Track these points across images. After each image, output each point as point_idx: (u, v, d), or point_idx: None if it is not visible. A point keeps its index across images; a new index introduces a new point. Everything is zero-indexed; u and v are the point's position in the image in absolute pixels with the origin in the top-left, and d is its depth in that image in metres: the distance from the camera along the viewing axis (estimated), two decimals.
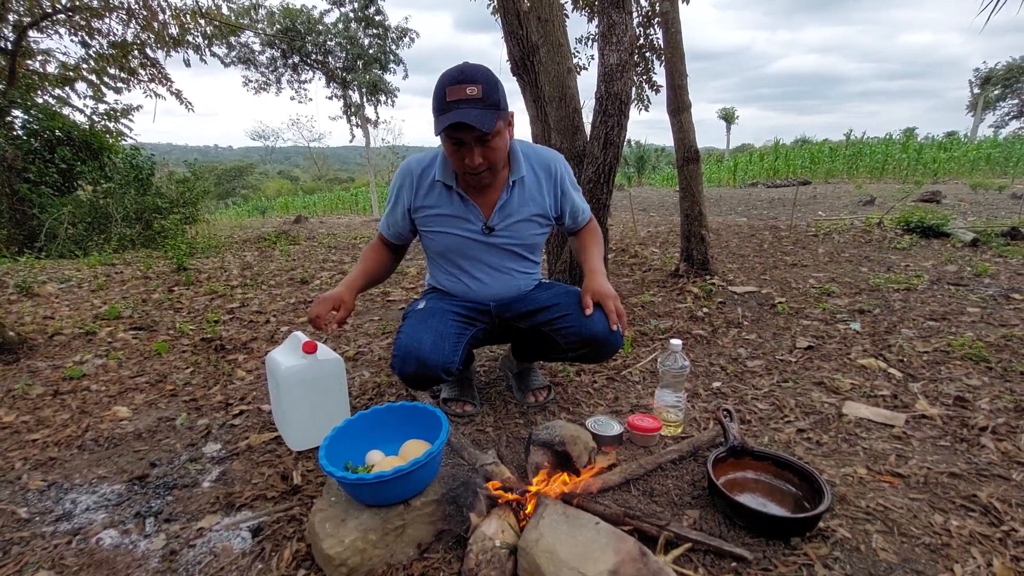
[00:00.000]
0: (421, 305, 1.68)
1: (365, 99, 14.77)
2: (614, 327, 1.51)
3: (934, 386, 1.81)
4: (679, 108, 3.35)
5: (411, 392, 1.94)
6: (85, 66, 8.50)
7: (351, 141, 15.11)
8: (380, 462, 1.28)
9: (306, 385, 1.56)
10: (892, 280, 3.16)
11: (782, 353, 2.20)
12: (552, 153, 1.68)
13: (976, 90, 27.96)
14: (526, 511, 1.17)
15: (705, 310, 2.78)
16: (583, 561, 0.93)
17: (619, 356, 2.25)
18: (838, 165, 14.57)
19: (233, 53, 12.78)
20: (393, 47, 14.20)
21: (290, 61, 13.83)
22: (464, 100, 1.32)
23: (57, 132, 7.39)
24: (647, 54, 6.76)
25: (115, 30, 8.23)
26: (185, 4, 8.38)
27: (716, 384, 1.94)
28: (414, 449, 1.27)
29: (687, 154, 3.37)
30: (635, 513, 1.14)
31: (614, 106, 2.32)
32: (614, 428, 1.54)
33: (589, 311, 1.51)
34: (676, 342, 1.59)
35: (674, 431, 1.60)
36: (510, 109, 1.45)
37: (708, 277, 3.31)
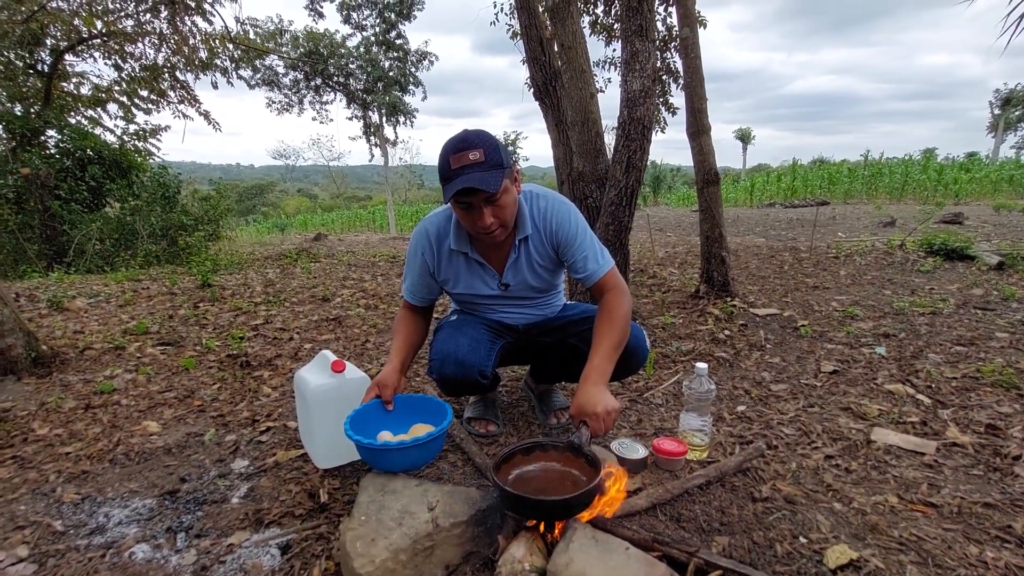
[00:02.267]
0: (453, 318, 1.74)
1: (384, 119, 15.07)
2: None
3: (964, 413, 1.78)
4: (699, 131, 3.38)
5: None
6: (117, 88, 8.83)
7: (370, 160, 15.39)
8: (390, 439, 1.45)
9: (334, 403, 1.58)
10: (917, 304, 3.12)
11: (807, 377, 2.18)
12: (550, 204, 1.58)
13: (996, 111, 27.69)
14: (553, 534, 1.17)
15: (727, 332, 2.77)
16: None
17: (641, 378, 2.25)
18: (857, 186, 14.46)
19: (258, 75, 13.17)
20: (413, 69, 14.52)
21: (313, 83, 14.20)
22: (468, 165, 1.35)
23: (88, 151, 7.65)
24: (664, 77, 6.84)
25: (147, 54, 8.56)
26: (214, 29, 8.69)
27: (740, 408, 1.93)
28: (421, 431, 1.47)
29: (707, 176, 3.39)
30: (664, 539, 1.14)
31: (636, 131, 2.35)
32: (639, 451, 1.54)
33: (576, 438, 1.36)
34: (702, 365, 1.59)
35: (700, 455, 1.59)
36: (513, 163, 1.48)
37: (729, 299, 3.29)
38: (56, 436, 1.92)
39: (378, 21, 13.70)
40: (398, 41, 13.97)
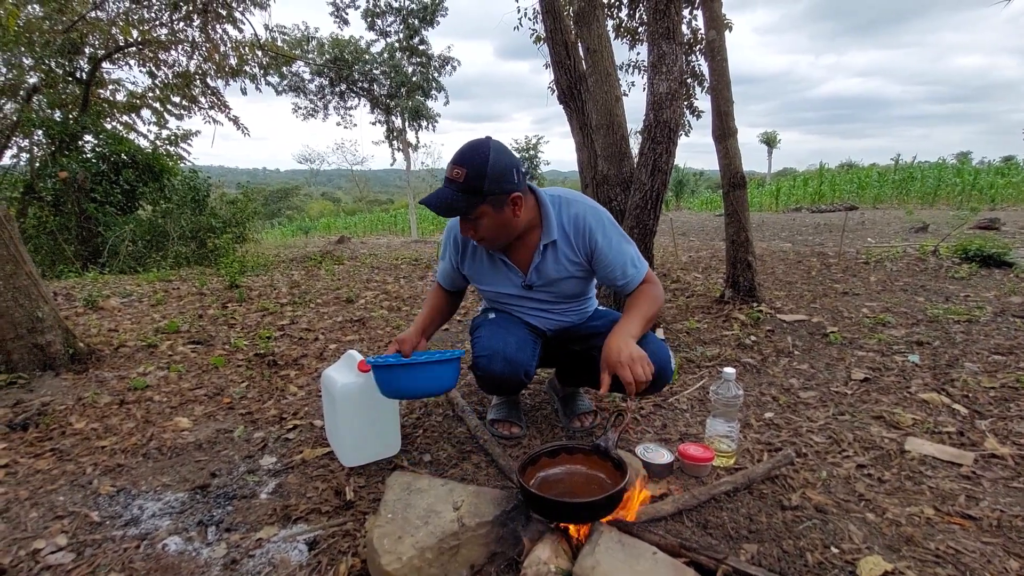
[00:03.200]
0: (492, 316, 1.75)
1: (407, 124, 15.24)
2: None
3: (1004, 424, 1.73)
4: (725, 134, 3.34)
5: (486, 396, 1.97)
6: (151, 94, 9.08)
7: (392, 164, 15.56)
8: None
9: (360, 403, 1.60)
10: (952, 311, 3.03)
11: (837, 385, 2.14)
12: (583, 210, 1.57)
13: None
14: (579, 537, 1.16)
15: (753, 338, 2.72)
16: None
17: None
18: (887, 190, 14.11)
19: (285, 82, 13.43)
20: (435, 74, 14.66)
21: (337, 89, 14.43)
22: (449, 180, 1.43)
23: (123, 155, 7.88)
24: (689, 80, 6.78)
25: (180, 61, 8.78)
26: (244, 37, 8.89)
27: (768, 415, 1.90)
28: None
29: (733, 180, 3.35)
30: (691, 545, 1.13)
31: (663, 134, 2.34)
32: (665, 456, 1.52)
33: (603, 389, 1.39)
34: (730, 370, 1.57)
35: (727, 462, 1.57)
36: (518, 192, 1.46)
37: (755, 304, 3.24)
38: (92, 430, 1.98)
39: (402, 27, 13.88)
40: (421, 47, 14.13)
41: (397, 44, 13.98)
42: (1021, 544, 1.16)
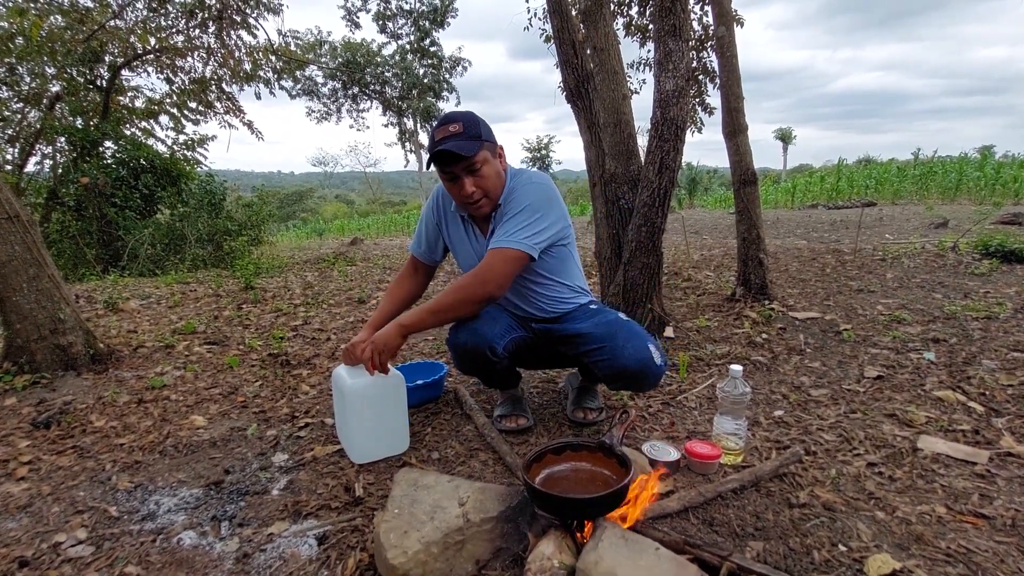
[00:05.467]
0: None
1: (419, 126, 15.32)
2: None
3: (1021, 422, 1.69)
4: (735, 131, 3.32)
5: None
6: (168, 100, 9.27)
7: (405, 166, 15.67)
8: None
9: (370, 400, 1.62)
10: (970, 308, 2.97)
11: (849, 383, 2.11)
12: (521, 181, 1.63)
13: None
14: (583, 533, 1.17)
15: (764, 336, 2.70)
16: None
17: (674, 381, 2.22)
18: (906, 186, 13.85)
19: (298, 86, 13.60)
20: (447, 76, 14.73)
21: (350, 91, 14.57)
22: (448, 136, 1.49)
23: (142, 161, 8.05)
24: (700, 76, 6.73)
25: (196, 67, 8.95)
26: (258, 42, 9.02)
27: (778, 413, 1.88)
28: None
29: (744, 176, 3.32)
30: (695, 541, 1.13)
31: (670, 131, 2.33)
32: (671, 454, 1.52)
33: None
34: (736, 367, 1.56)
35: (734, 460, 1.56)
36: (500, 144, 1.62)
37: (767, 302, 3.21)
38: (112, 428, 2.03)
39: (412, 29, 13.97)
40: (432, 48, 14.21)
41: (408, 46, 14.08)
42: None
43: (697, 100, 7.08)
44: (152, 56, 8.49)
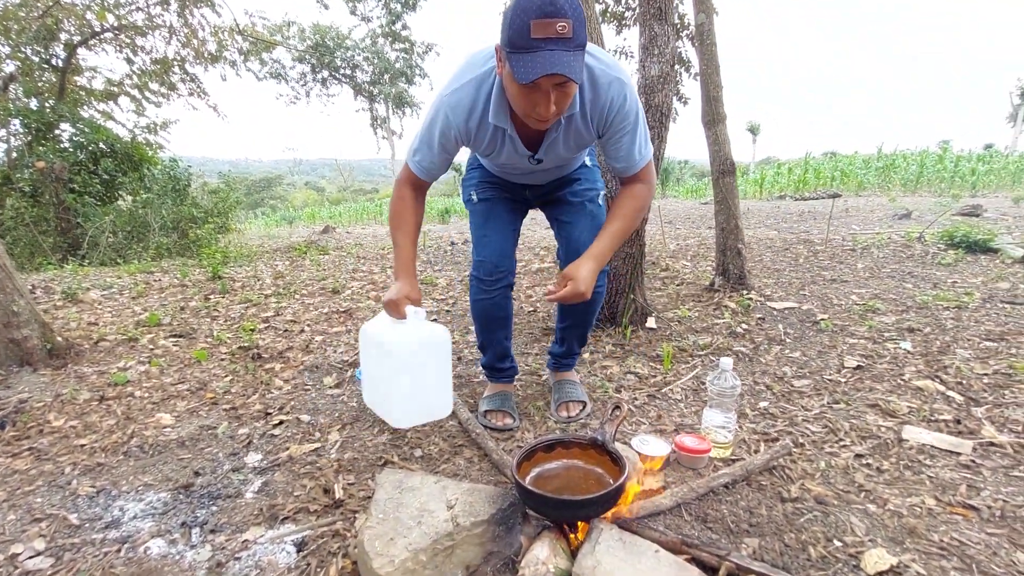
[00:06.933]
0: (476, 201, 1.79)
1: (391, 111, 15.03)
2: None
3: (1000, 411, 1.72)
4: (714, 120, 3.30)
5: None
6: (128, 81, 8.85)
7: (377, 153, 15.39)
8: None
9: (418, 358, 1.47)
10: (940, 297, 3.04)
11: (830, 372, 2.13)
12: (608, 82, 1.35)
13: (1016, 100, 27.12)
14: (577, 535, 1.13)
15: (744, 326, 2.71)
16: None
17: (659, 373, 2.21)
18: (870, 178, 14.22)
19: (266, 69, 13.16)
20: (419, 60, 14.45)
21: (319, 76, 14.17)
22: (554, 39, 1.10)
23: (101, 144, 7.68)
24: (675, 67, 6.73)
25: (157, 47, 8.55)
26: (223, 22, 8.67)
27: (763, 404, 1.88)
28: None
29: (723, 166, 3.32)
30: (693, 541, 1.10)
31: (655, 118, 2.29)
32: (661, 448, 1.49)
33: (551, 296, 1.47)
34: (727, 360, 1.54)
35: (724, 453, 1.55)
36: None
37: (745, 292, 3.23)
38: (71, 428, 1.91)
39: (383, 12, 13.63)
40: (404, 32, 13.90)
41: (379, 30, 13.75)
42: None
43: (673, 90, 7.09)
44: (111, 34, 8.09)
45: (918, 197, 11.32)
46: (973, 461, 1.45)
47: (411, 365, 1.45)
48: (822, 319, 2.75)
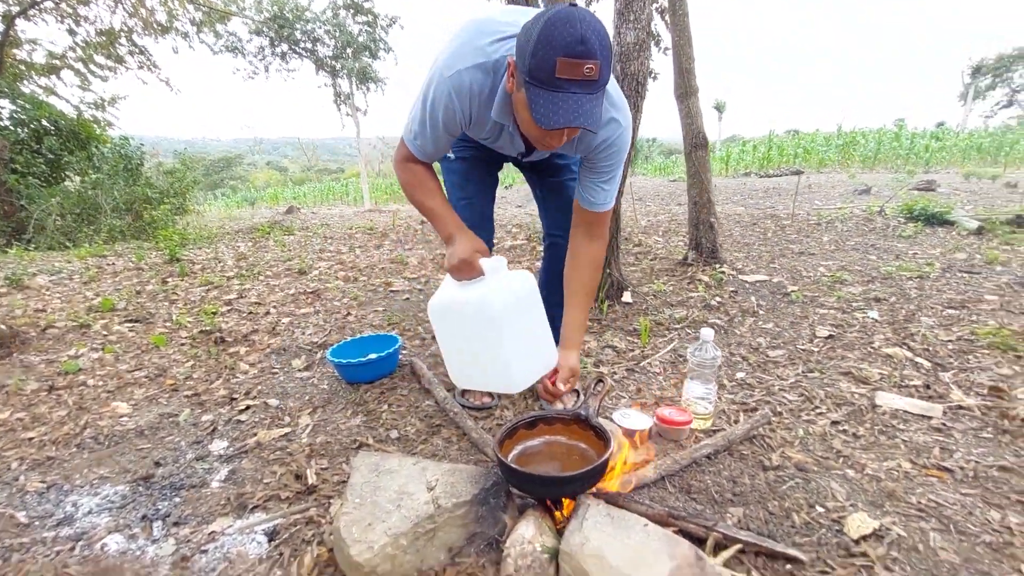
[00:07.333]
0: (455, 163, 1.69)
1: (355, 87, 14.54)
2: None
3: (966, 376, 1.77)
4: (687, 93, 3.27)
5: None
6: (72, 54, 8.30)
7: (342, 130, 14.94)
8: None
9: (522, 316, 1.32)
10: (903, 268, 3.11)
11: (803, 342, 2.15)
12: (607, 129, 1.33)
13: (967, 79, 28.06)
14: (563, 511, 1.10)
15: (718, 299, 2.72)
16: (636, 567, 0.87)
17: (636, 347, 2.19)
18: (831, 155, 14.57)
19: (221, 42, 12.51)
20: (383, 34, 13.96)
21: (278, 49, 13.54)
22: (579, 82, 1.03)
23: (44, 122, 7.20)
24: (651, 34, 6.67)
25: (102, 17, 8.02)
26: None
27: (740, 375, 1.89)
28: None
29: (695, 140, 3.30)
30: (680, 513, 1.08)
31: (631, 87, 2.24)
32: (643, 421, 1.48)
33: (557, 394, 1.49)
34: (708, 331, 1.53)
35: (704, 424, 1.54)
36: None
37: (718, 266, 3.25)
38: (18, 420, 1.79)
39: None
40: (366, 4, 13.39)
41: (340, 1, 13.20)
42: (999, 495, 1.18)
43: (648, 57, 7.03)
44: (51, 3, 7.53)
45: (876, 173, 11.65)
46: (944, 424, 1.48)
47: (517, 320, 1.31)
48: (792, 291, 2.79)
